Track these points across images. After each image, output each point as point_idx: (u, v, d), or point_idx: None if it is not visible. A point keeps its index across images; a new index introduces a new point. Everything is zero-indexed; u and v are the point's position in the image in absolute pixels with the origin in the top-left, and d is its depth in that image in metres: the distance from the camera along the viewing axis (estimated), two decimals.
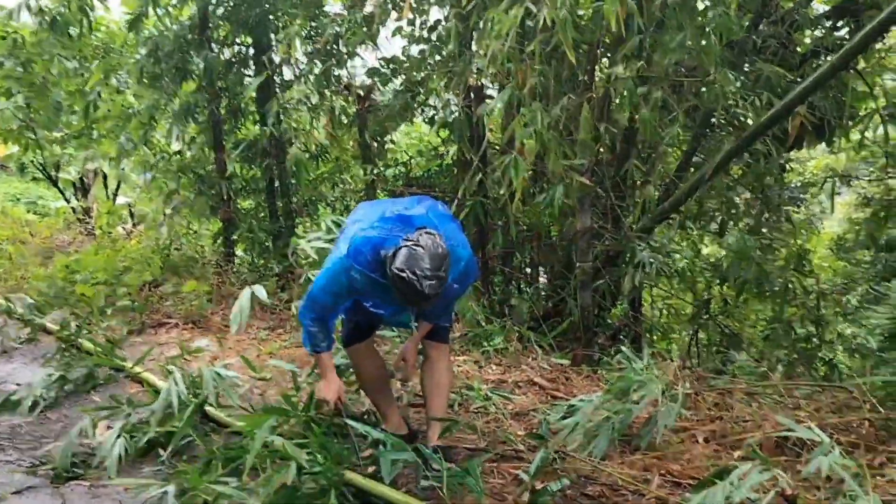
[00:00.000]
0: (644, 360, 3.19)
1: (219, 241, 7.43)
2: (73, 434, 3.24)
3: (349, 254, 2.80)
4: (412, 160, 7.11)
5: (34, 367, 4.61)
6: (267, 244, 6.92)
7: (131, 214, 11.23)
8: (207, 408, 3.46)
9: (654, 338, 5.86)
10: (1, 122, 8.44)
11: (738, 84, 4.51)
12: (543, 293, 5.23)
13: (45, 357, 4.75)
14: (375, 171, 6.49)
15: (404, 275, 2.52)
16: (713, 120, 5.23)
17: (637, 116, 4.58)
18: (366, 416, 3.52)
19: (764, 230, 5.36)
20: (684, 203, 4.66)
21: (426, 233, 2.65)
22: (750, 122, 4.63)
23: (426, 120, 6.89)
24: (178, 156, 7.17)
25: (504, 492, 2.78)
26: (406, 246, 2.59)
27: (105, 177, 11.81)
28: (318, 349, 3.02)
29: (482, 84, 5.68)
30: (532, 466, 2.84)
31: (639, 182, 5.36)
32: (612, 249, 4.95)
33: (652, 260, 4.49)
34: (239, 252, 7.31)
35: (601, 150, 4.79)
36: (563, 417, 3.39)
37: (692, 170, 5.42)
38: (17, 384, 4.17)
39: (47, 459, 3.21)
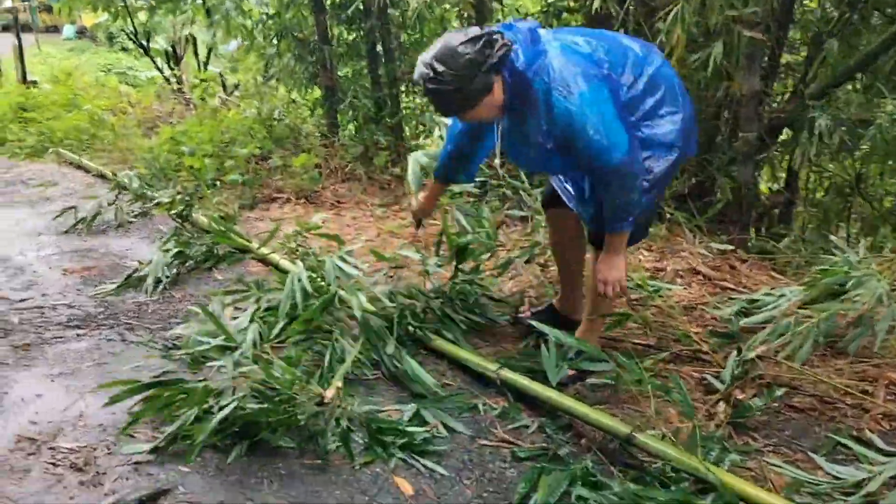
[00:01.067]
0: (861, 252, 2.66)
1: (319, 112, 7.04)
2: (205, 318, 3.04)
3: None
4: (527, 17, 6.36)
5: (151, 243, 4.48)
6: (371, 114, 6.47)
7: (223, 85, 10.94)
8: (340, 293, 3.19)
9: (806, 220, 5.23)
10: None
11: None
12: (688, 168, 4.65)
13: (160, 232, 4.61)
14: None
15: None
16: None
17: None
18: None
19: None
20: (876, 61, 3.89)
21: (472, 30, 2.20)
22: None
23: None
24: (276, 18, 6.66)
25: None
26: None
27: (196, 45, 11.46)
28: (437, 170, 2.93)
29: None
30: (725, 372, 2.45)
31: (810, 36, 4.54)
32: (777, 117, 4.27)
33: (832, 129, 3.81)
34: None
35: None
36: (740, 313, 2.95)
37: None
38: (138, 261, 4.03)
39: (180, 343, 3.05)
